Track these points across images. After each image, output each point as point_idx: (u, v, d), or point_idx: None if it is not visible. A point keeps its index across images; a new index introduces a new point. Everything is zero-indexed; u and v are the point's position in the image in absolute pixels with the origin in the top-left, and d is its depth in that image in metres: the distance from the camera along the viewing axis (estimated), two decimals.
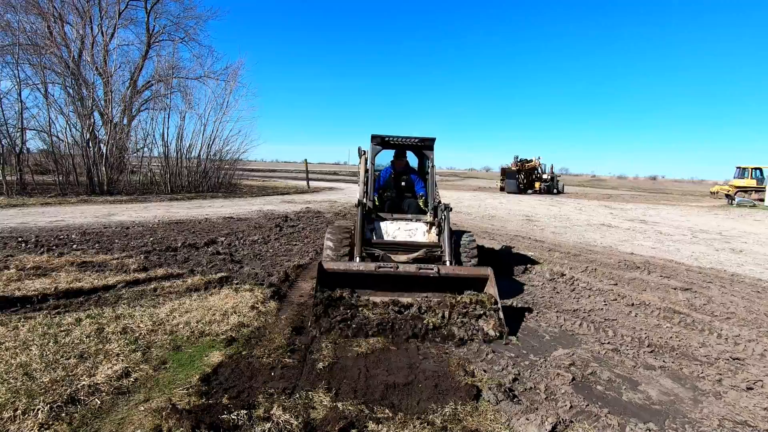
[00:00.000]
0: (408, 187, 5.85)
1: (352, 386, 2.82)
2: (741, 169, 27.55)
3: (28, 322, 3.54)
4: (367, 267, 4.03)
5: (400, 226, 5.14)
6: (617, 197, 28.85)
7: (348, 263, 4.25)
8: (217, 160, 21.20)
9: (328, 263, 4.04)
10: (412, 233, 5.12)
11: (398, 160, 5.81)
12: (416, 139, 5.37)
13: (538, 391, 2.89)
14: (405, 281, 4.11)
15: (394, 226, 5.13)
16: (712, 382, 3.15)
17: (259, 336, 3.57)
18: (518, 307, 4.62)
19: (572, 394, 2.88)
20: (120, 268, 5.42)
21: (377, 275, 4.02)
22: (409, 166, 5.99)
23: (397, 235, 5.09)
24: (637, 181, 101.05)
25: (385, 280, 4.09)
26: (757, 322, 4.47)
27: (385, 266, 4.01)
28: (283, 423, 2.33)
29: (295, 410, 2.46)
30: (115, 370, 2.82)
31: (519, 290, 5.36)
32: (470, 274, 4.26)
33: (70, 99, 16.93)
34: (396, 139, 5.29)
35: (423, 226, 5.16)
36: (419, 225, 5.16)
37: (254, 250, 7.06)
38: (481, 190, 31.87)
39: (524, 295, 5.14)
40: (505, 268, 6.27)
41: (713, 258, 7.99)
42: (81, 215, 10.54)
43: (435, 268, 4.06)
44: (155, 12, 21.52)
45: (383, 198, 5.71)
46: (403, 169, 5.87)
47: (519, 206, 18.23)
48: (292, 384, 2.81)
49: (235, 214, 11.67)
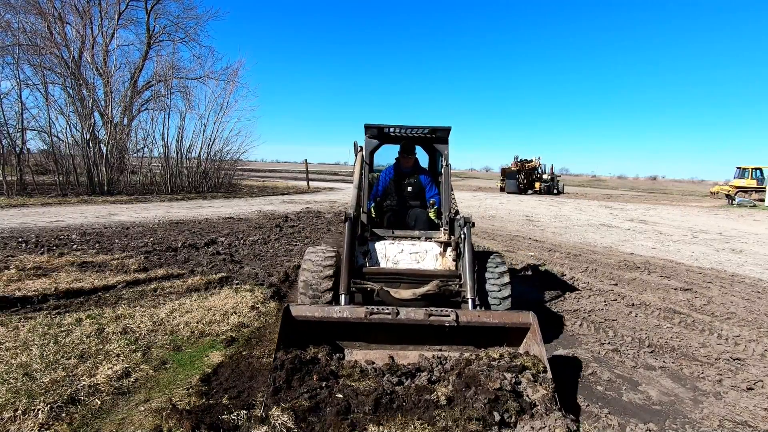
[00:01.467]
0: (415, 193, 4.56)
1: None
2: (741, 169, 27.57)
3: (29, 322, 3.55)
4: (354, 313, 2.93)
5: (403, 248, 3.92)
6: (617, 197, 28.85)
7: (327, 308, 3.01)
8: (217, 161, 21.22)
9: (297, 308, 2.94)
10: (420, 257, 3.92)
11: (405, 157, 4.48)
12: (425, 129, 4.18)
13: None
14: (409, 330, 3.01)
15: (395, 247, 3.92)
16: (713, 382, 3.15)
17: (259, 336, 3.57)
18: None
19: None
20: (120, 268, 5.42)
21: (369, 324, 2.93)
22: (418, 165, 4.67)
23: (400, 261, 3.90)
24: (637, 181, 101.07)
25: (380, 329, 2.99)
26: (758, 322, 4.46)
27: (380, 312, 2.90)
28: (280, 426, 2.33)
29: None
30: (115, 370, 2.82)
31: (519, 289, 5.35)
32: (503, 322, 2.99)
33: (71, 99, 16.96)
34: (398, 129, 4.15)
35: (435, 247, 3.94)
36: (430, 246, 3.94)
37: (254, 251, 7.07)
38: (481, 190, 31.87)
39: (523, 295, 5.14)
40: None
41: (713, 258, 7.99)
42: (81, 215, 10.54)
43: (452, 314, 2.90)
44: (155, 12, 21.56)
45: (382, 208, 4.53)
46: (409, 169, 4.59)
47: (519, 206, 18.24)
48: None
49: (235, 215, 11.67)
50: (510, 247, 8.22)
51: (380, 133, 4.24)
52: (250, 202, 15.84)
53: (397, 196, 4.56)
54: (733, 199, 24.67)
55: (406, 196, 4.56)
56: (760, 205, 22.52)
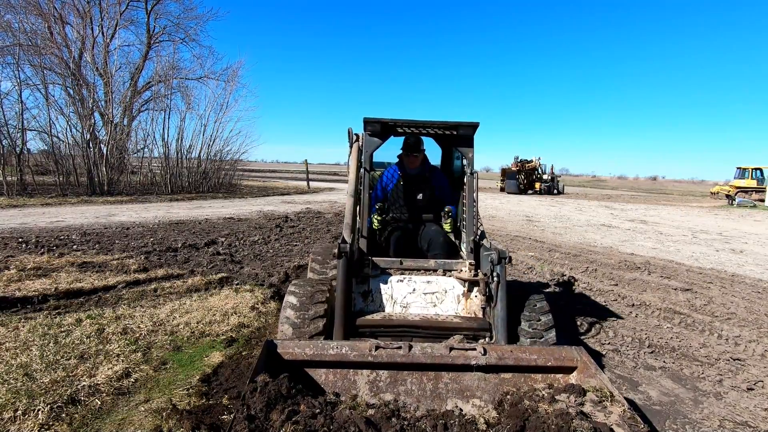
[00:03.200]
0: (428, 202, 3.59)
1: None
2: (741, 169, 27.57)
3: (29, 322, 3.54)
4: (357, 349, 2.34)
5: (415, 287, 3.06)
6: (617, 197, 28.85)
7: (321, 343, 2.38)
8: (217, 161, 21.25)
9: (284, 344, 2.36)
10: (438, 299, 3.06)
11: (410, 155, 3.54)
12: (444, 125, 3.19)
13: None
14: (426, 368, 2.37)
15: (405, 286, 3.07)
16: (713, 382, 3.15)
17: (259, 336, 3.56)
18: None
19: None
20: (120, 268, 5.42)
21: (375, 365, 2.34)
22: (427, 164, 3.71)
23: (411, 303, 3.05)
24: (638, 181, 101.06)
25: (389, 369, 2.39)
26: (758, 322, 4.46)
27: (387, 348, 2.35)
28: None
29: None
30: (115, 370, 2.82)
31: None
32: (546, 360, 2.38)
33: (71, 99, 16.98)
34: (407, 124, 3.21)
35: (457, 286, 3.07)
36: (450, 284, 3.07)
37: (254, 251, 7.06)
38: (481, 190, 31.74)
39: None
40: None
41: (713, 258, 7.99)
42: (81, 216, 10.54)
43: (479, 348, 2.36)
44: (155, 13, 21.61)
45: (384, 225, 3.50)
46: (418, 171, 3.63)
47: (519, 207, 18.24)
48: None
49: (235, 215, 11.67)
50: (510, 248, 8.22)
51: (383, 129, 3.28)
52: (250, 203, 15.84)
53: (406, 206, 3.61)
54: (733, 200, 24.67)
55: (417, 207, 3.61)
56: (761, 206, 22.52)
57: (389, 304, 3.07)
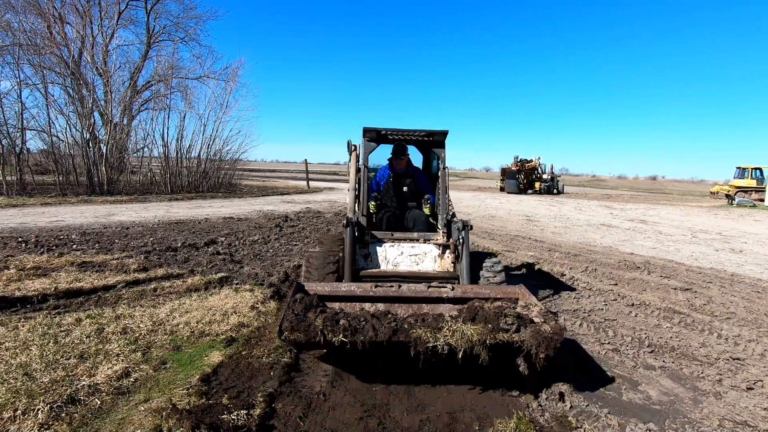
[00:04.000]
0: (412, 193, 4.69)
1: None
2: (741, 169, 27.55)
3: (28, 322, 3.54)
4: (360, 288, 3.26)
5: (403, 250, 4.07)
6: (617, 197, 28.86)
7: (334, 285, 3.34)
8: (217, 160, 21.22)
9: (309, 284, 3.27)
10: (420, 259, 4.08)
11: (397, 158, 4.61)
12: (422, 133, 4.39)
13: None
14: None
15: (395, 250, 4.07)
16: (713, 382, 3.15)
17: (259, 336, 3.57)
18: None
19: (572, 393, 2.88)
20: (120, 268, 5.42)
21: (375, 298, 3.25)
22: (411, 164, 4.82)
23: (400, 263, 4.05)
24: (637, 181, 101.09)
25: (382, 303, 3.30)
26: (757, 322, 4.47)
27: (383, 286, 3.25)
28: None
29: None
30: (115, 370, 2.82)
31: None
32: (496, 293, 3.28)
33: (70, 99, 16.97)
34: (396, 132, 4.38)
35: (434, 249, 4.09)
36: (429, 248, 4.09)
37: (254, 250, 7.06)
38: (481, 190, 31.87)
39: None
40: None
41: (713, 258, 7.99)
42: (81, 215, 10.54)
43: (449, 286, 3.30)
44: (155, 12, 21.58)
45: (379, 209, 4.57)
46: (403, 169, 4.71)
47: (519, 206, 18.23)
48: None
49: (235, 214, 11.67)
50: (510, 247, 8.22)
51: (378, 136, 4.46)
52: (250, 202, 15.84)
53: (395, 196, 4.68)
54: (733, 199, 24.67)
55: (403, 197, 4.69)
56: (760, 205, 22.52)
57: (384, 263, 4.05)
